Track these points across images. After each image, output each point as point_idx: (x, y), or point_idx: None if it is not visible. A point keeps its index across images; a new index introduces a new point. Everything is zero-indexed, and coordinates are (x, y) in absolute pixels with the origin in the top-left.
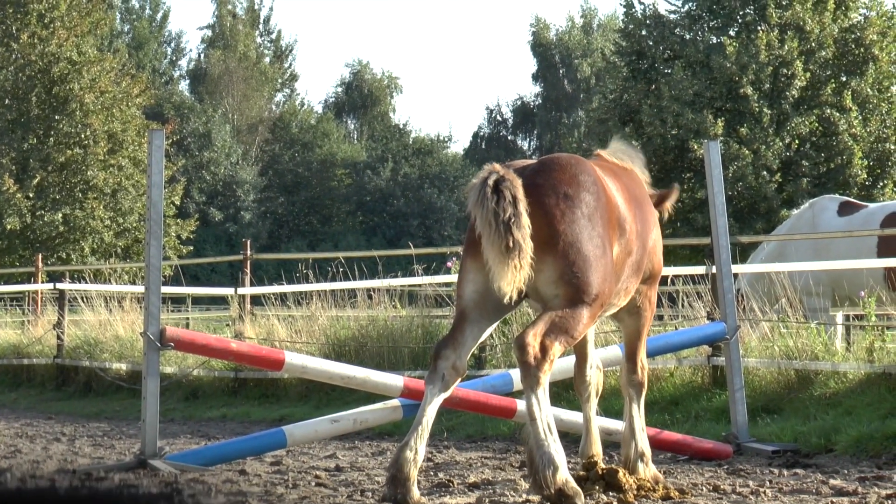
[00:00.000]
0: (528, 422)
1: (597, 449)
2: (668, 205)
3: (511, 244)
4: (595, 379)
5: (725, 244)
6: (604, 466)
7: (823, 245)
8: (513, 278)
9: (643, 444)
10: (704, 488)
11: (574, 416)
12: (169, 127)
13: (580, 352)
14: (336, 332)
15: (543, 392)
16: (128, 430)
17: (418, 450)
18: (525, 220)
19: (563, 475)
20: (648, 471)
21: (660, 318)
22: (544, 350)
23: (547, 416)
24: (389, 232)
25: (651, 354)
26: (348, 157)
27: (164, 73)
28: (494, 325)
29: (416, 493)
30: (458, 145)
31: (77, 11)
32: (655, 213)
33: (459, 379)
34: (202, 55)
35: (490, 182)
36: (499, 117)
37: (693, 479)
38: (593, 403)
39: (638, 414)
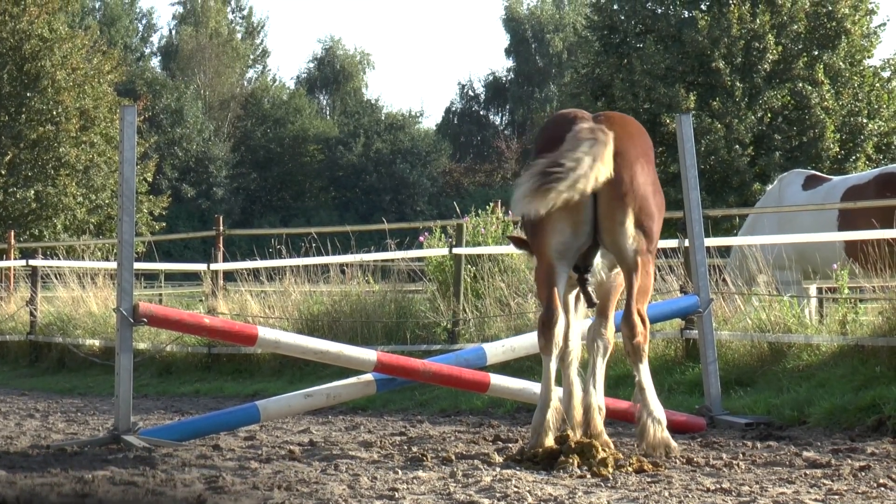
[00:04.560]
0: (638, 390)
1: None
2: None
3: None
4: (576, 346)
5: (698, 217)
6: (577, 439)
7: (787, 219)
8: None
9: (601, 399)
10: (678, 461)
11: None
12: (141, 103)
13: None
14: (309, 308)
15: (648, 362)
16: (101, 406)
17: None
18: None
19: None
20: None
21: None
22: (644, 324)
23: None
24: (362, 207)
25: None
26: (320, 133)
27: (135, 49)
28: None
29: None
30: (431, 120)
31: None
32: None
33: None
34: (174, 31)
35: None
36: (471, 92)
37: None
38: (574, 365)
39: (601, 371)
